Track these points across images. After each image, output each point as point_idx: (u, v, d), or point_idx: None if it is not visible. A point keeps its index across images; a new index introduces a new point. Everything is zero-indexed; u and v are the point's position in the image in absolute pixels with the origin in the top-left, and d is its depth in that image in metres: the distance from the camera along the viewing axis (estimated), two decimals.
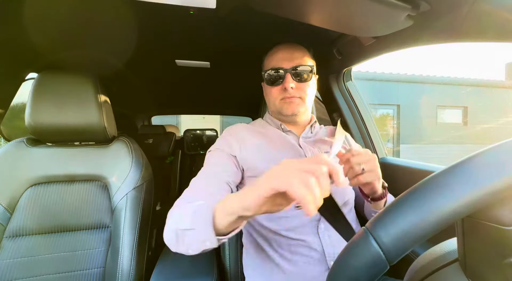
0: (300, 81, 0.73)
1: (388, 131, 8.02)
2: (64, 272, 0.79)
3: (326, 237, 0.67)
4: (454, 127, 8.37)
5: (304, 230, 0.67)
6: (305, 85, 0.74)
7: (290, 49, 0.75)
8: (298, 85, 0.73)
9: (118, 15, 0.77)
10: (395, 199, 0.29)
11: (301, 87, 0.73)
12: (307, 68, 0.73)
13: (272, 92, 0.76)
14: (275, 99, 0.76)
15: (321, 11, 0.65)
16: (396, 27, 0.67)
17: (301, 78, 0.73)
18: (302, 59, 0.74)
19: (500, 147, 0.25)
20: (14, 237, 0.78)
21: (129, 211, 0.84)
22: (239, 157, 0.72)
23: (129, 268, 0.79)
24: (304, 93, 0.74)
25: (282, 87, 0.73)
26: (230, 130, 0.80)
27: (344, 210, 0.73)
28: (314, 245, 0.66)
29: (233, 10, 0.73)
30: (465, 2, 0.52)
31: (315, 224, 0.68)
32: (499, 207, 0.25)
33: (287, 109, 0.74)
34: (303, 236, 0.66)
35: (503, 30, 0.51)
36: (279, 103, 0.75)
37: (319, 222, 0.68)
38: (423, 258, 0.34)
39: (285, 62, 0.73)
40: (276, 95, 0.75)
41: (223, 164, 0.70)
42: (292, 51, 0.74)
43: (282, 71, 0.72)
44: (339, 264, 0.30)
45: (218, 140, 0.78)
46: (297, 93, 0.73)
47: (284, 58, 0.73)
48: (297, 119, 0.79)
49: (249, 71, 1.33)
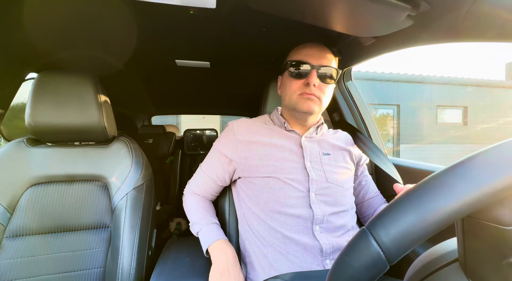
0: (323, 82, 0.72)
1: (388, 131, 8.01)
2: (64, 272, 0.79)
3: (324, 239, 0.68)
4: (454, 127, 8.36)
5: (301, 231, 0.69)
6: (327, 87, 0.73)
7: (320, 48, 0.75)
8: (321, 85, 0.72)
9: (118, 15, 0.77)
10: (395, 199, 0.29)
11: (323, 88, 0.73)
12: (333, 72, 0.73)
13: (292, 84, 0.75)
14: (293, 93, 0.74)
15: (321, 11, 0.65)
16: (396, 27, 0.67)
17: (325, 79, 0.72)
18: (330, 61, 0.74)
19: (500, 147, 0.25)
20: (14, 237, 0.78)
21: (129, 211, 0.84)
22: (236, 159, 0.77)
23: (129, 268, 0.79)
24: (324, 94, 0.73)
25: (305, 81, 0.72)
26: (234, 125, 0.83)
27: (345, 217, 0.73)
28: (312, 246, 0.67)
29: (233, 10, 0.73)
30: (465, 2, 0.52)
31: (310, 226, 0.69)
32: (499, 207, 0.25)
33: (303, 105, 0.73)
34: (300, 237, 0.68)
35: (502, 30, 0.51)
36: (296, 98, 0.74)
37: (313, 224, 0.69)
38: (423, 258, 0.34)
39: (313, 59, 0.72)
40: (296, 89, 0.74)
41: (218, 170, 0.81)
42: (321, 50, 0.74)
43: (309, 66, 0.71)
44: (339, 264, 0.30)
45: (221, 137, 0.83)
46: (318, 92, 0.72)
47: (313, 55, 0.73)
48: (308, 119, 0.78)
49: (249, 71, 1.33)
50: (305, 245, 0.67)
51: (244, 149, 0.77)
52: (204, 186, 0.84)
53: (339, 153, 0.80)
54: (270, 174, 0.72)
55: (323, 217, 0.69)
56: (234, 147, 0.78)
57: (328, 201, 0.72)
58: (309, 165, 0.74)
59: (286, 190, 0.71)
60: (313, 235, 0.68)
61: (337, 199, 0.73)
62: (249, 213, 0.76)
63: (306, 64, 0.72)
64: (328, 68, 0.72)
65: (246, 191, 0.78)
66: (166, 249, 0.85)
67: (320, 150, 0.78)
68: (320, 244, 0.66)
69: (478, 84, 8.40)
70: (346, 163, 0.80)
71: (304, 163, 0.74)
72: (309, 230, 0.68)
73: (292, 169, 0.73)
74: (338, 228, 0.71)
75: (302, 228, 0.69)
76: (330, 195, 0.72)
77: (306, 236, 0.68)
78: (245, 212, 0.78)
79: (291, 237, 0.68)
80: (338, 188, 0.74)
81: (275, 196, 0.71)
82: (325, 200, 0.71)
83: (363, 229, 0.29)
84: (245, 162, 0.76)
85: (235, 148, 0.78)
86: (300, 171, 0.73)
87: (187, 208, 0.84)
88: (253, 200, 0.75)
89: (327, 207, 0.71)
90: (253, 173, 0.75)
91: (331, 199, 0.72)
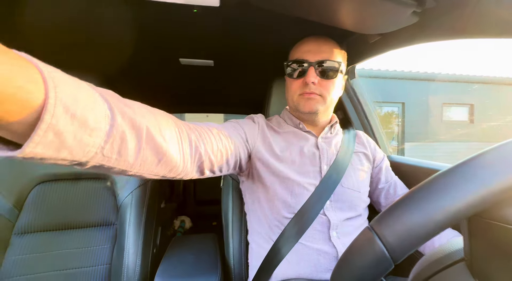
0: (323, 78, 0.68)
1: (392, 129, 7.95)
2: (70, 268, 0.80)
3: (341, 245, 0.64)
4: (460, 125, 8.26)
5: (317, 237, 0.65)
6: (329, 82, 0.68)
7: (318, 41, 0.70)
8: (321, 82, 0.68)
9: (121, 14, 0.77)
10: (400, 197, 0.28)
11: (324, 85, 0.68)
12: (333, 65, 0.68)
13: (292, 85, 0.72)
14: (293, 94, 0.71)
15: (325, 9, 0.64)
16: (401, 23, 0.66)
17: (325, 75, 0.67)
18: (330, 54, 0.68)
19: (506, 145, 0.25)
20: (22, 234, 0.80)
21: (134, 209, 0.85)
22: (253, 145, 0.69)
23: (134, 265, 0.80)
24: (326, 91, 0.69)
25: (303, 81, 0.68)
26: (255, 118, 0.77)
27: (359, 219, 0.71)
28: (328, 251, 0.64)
29: (236, 8, 0.72)
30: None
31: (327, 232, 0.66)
32: (506, 206, 0.24)
33: (304, 105, 0.69)
34: (315, 244, 0.65)
35: (509, 26, 0.50)
36: (297, 99, 0.71)
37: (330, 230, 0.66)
38: (429, 257, 0.34)
39: (311, 55, 0.68)
40: (295, 89, 0.71)
41: (230, 130, 0.63)
42: (320, 44, 0.69)
43: (306, 64, 0.67)
44: (344, 263, 0.30)
45: (241, 120, 0.73)
46: (318, 90, 0.68)
47: (310, 50, 0.69)
48: (316, 119, 0.74)
49: (253, 70, 1.33)
50: (319, 251, 0.64)
51: (263, 140, 0.71)
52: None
53: (354, 155, 0.76)
54: (287, 175, 0.67)
55: (338, 222, 0.66)
56: (254, 134, 0.70)
57: (343, 208, 0.68)
58: (325, 169, 0.70)
59: (303, 195, 0.66)
60: (329, 240, 0.65)
61: (353, 205, 0.69)
62: (261, 216, 0.72)
63: (302, 62, 0.68)
64: (328, 63, 0.67)
65: (258, 193, 0.73)
66: (170, 247, 0.86)
67: (336, 149, 0.74)
68: (337, 251, 0.64)
69: (485, 81, 8.28)
70: (362, 165, 0.76)
71: (321, 166, 0.70)
72: (325, 236, 0.65)
73: (310, 173, 0.69)
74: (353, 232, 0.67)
75: (318, 233, 0.65)
76: (345, 201, 0.68)
77: (322, 243, 0.65)
78: (255, 215, 0.74)
79: (303, 243, 0.65)
80: (354, 193, 0.70)
81: (290, 201, 0.67)
82: (340, 207, 0.68)
83: (367, 228, 0.29)
84: (261, 154, 0.69)
85: (255, 134, 0.70)
86: (318, 175, 0.69)
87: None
88: (265, 203, 0.70)
89: (342, 213, 0.68)
90: (271, 167, 0.68)
91: (346, 206, 0.68)
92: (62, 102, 0.24)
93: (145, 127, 0.34)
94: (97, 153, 0.29)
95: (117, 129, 0.30)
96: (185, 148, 0.44)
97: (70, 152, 0.27)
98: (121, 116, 0.31)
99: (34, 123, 0.23)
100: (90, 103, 0.27)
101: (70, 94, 0.25)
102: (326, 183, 0.67)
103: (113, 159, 0.31)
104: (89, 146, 0.28)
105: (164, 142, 0.37)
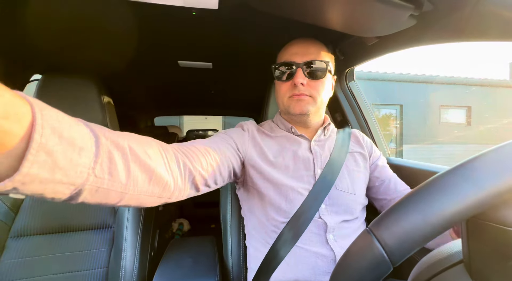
0: (312, 78, 0.68)
1: (391, 131, 7.98)
2: (67, 272, 0.79)
3: (338, 248, 0.64)
4: (458, 127, 8.31)
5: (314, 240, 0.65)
6: (318, 83, 0.69)
7: (305, 43, 0.71)
8: (310, 83, 0.68)
9: (120, 16, 0.77)
10: (398, 200, 0.28)
11: (313, 85, 0.68)
12: (321, 65, 0.68)
13: (281, 88, 0.72)
14: (283, 96, 0.71)
15: (323, 11, 0.64)
16: (399, 26, 0.66)
17: (313, 75, 0.68)
18: (317, 55, 0.69)
19: (504, 148, 0.25)
20: (18, 237, 0.79)
21: (132, 211, 0.84)
22: (245, 153, 0.69)
23: (132, 268, 0.79)
24: (316, 91, 0.69)
25: (292, 83, 0.68)
26: (245, 125, 0.77)
27: (356, 221, 0.70)
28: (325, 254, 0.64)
29: (235, 10, 0.73)
30: (468, 1, 0.51)
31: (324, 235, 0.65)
32: (504, 208, 0.24)
33: (294, 107, 0.69)
34: (312, 247, 0.64)
35: (507, 29, 0.51)
36: (287, 101, 0.71)
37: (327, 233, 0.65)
38: (427, 259, 0.34)
39: (298, 56, 0.68)
40: (285, 92, 0.71)
41: (220, 143, 0.63)
42: (307, 46, 0.70)
43: (293, 66, 0.68)
44: (343, 265, 0.30)
45: (231, 129, 0.73)
46: (308, 91, 0.68)
47: (298, 52, 0.69)
48: (307, 120, 0.73)
49: (251, 72, 1.33)
50: (317, 254, 0.63)
51: (255, 147, 0.71)
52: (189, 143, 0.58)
53: (349, 155, 0.75)
54: (281, 181, 0.67)
55: (335, 225, 0.66)
56: (245, 141, 0.70)
57: (339, 211, 0.68)
58: (319, 172, 0.69)
59: (298, 200, 0.66)
60: (327, 243, 0.64)
61: (349, 208, 0.69)
62: (256, 222, 0.72)
63: (290, 64, 0.68)
64: (316, 63, 0.68)
65: (252, 200, 0.72)
66: (168, 250, 0.85)
67: (329, 151, 0.74)
68: (335, 254, 0.63)
69: (482, 84, 8.35)
70: (357, 166, 0.75)
71: (315, 170, 0.70)
72: (322, 239, 0.65)
73: (304, 177, 0.69)
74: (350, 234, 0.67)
75: (315, 236, 0.65)
76: (341, 205, 0.68)
77: (319, 245, 0.64)
78: (251, 220, 0.74)
79: (300, 246, 0.64)
80: (350, 196, 0.69)
81: (284, 207, 0.66)
82: (336, 211, 0.67)
83: (366, 230, 0.29)
84: (254, 161, 0.69)
85: (246, 142, 0.71)
86: (312, 179, 0.69)
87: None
88: (260, 209, 0.70)
89: (338, 217, 0.67)
90: (264, 174, 0.68)
91: (342, 209, 0.68)
92: (49, 123, 0.25)
93: (127, 147, 0.35)
94: (89, 174, 0.30)
95: (103, 149, 0.31)
96: (172, 165, 0.44)
97: (65, 173, 0.27)
98: (104, 138, 0.32)
99: (21, 155, 0.24)
100: (74, 125, 0.29)
101: (55, 117, 0.27)
102: (321, 185, 0.67)
103: (106, 179, 0.32)
104: (80, 166, 0.28)
105: (150, 160, 0.38)
